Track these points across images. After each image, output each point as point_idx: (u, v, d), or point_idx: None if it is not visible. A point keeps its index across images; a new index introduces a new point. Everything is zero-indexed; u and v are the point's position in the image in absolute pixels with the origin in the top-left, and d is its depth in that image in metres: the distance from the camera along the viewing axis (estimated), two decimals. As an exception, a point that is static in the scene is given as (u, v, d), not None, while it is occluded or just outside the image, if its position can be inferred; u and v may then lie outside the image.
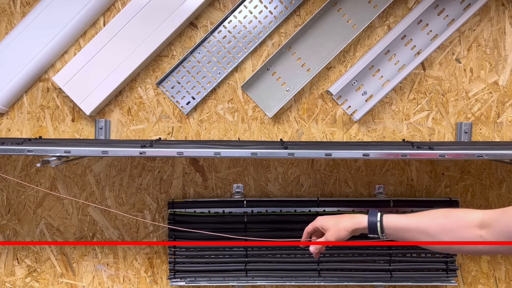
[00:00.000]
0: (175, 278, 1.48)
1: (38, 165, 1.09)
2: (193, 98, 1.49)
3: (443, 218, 0.95)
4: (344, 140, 1.50)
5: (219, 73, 1.48)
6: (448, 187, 1.52)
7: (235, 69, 1.48)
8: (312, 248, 1.10)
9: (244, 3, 1.45)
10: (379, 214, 1.02)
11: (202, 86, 1.48)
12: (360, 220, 1.04)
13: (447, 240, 0.93)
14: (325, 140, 1.50)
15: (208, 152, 1.16)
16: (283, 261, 1.47)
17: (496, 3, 1.45)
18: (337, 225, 1.05)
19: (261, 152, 1.16)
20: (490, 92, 1.49)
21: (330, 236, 1.06)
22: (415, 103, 1.49)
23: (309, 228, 1.11)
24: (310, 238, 1.13)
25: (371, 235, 1.02)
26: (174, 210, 1.46)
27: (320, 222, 1.09)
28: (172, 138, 1.50)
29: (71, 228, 1.53)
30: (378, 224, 1.01)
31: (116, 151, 1.16)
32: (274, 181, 1.52)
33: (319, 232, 1.11)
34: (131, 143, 1.33)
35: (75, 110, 1.49)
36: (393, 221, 1.00)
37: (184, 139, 1.50)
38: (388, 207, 1.46)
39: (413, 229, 0.98)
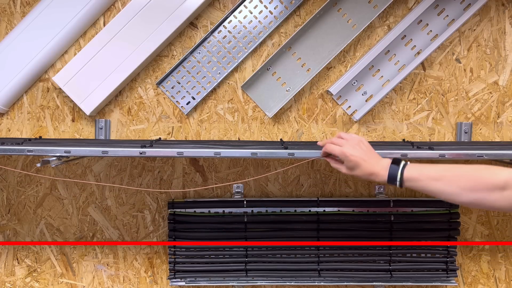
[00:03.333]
0: (175, 278, 1.48)
1: (38, 165, 1.09)
2: (193, 98, 1.49)
3: (465, 178, 0.94)
4: (344, 140, 1.50)
5: (219, 73, 1.48)
6: (448, 187, 1.51)
7: (235, 69, 1.48)
8: (328, 159, 1.12)
9: (244, 3, 1.45)
10: (399, 170, 1.00)
11: (202, 86, 1.48)
12: (379, 175, 1.02)
13: (466, 199, 0.93)
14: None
15: (208, 152, 1.16)
16: (283, 261, 1.47)
17: (496, 3, 1.45)
18: (355, 169, 1.05)
19: (261, 152, 1.16)
20: (490, 92, 1.49)
21: (345, 172, 1.07)
22: (415, 103, 1.49)
23: (332, 151, 1.09)
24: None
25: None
26: (174, 210, 1.46)
27: (343, 156, 1.06)
28: (172, 138, 1.50)
29: (71, 228, 1.53)
30: (398, 182, 1.00)
31: (116, 151, 1.16)
32: (274, 181, 1.52)
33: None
34: (131, 143, 1.33)
35: (75, 110, 1.49)
36: (413, 179, 0.99)
37: (184, 139, 1.50)
38: (388, 207, 1.46)
39: (433, 188, 0.97)
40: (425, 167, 1.00)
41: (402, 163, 1.02)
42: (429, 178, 0.98)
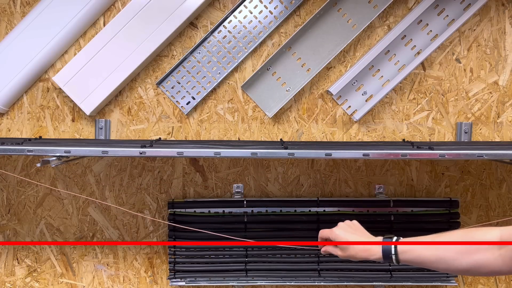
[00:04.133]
0: (175, 278, 1.48)
1: (38, 165, 1.09)
2: (193, 98, 1.49)
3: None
4: (344, 140, 1.50)
5: (219, 73, 1.48)
6: (448, 187, 1.52)
7: (235, 69, 1.48)
8: (322, 250, 1.12)
9: (244, 3, 1.45)
10: (393, 248, 0.99)
11: (202, 86, 1.48)
12: (374, 253, 1.02)
13: (465, 263, 0.90)
14: (325, 140, 1.50)
15: (208, 152, 1.16)
16: (283, 261, 1.47)
17: (496, 3, 1.45)
18: (349, 249, 1.05)
19: (261, 152, 1.16)
20: (490, 92, 1.49)
21: (341, 254, 1.07)
22: (415, 103, 1.49)
23: (324, 234, 1.11)
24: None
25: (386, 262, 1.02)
26: (174, 210, 1.46)
27: (334, 236, 1.08)
28: (172, 138, 1.50)
29: (71, 228, 1.53)
30: (393, 256, 0.99)
31: (116, 151, 1.16)
32: (274, 181, 1.52)
33: None
34: (131, 143, 1.33)
35: (75, 110, 1.49)
36: (408, 255, 0.98)
37: (184, 139, 1.50)
38: (388, 207, 1.46)
39: (431, 259, 0.95)
40: (418, 238, 1.00)
41: (395, 237, 1.01)
42: (423, 247, 0.96)
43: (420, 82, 1.49)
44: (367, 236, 1.07)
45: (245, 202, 1.47)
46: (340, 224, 1.10)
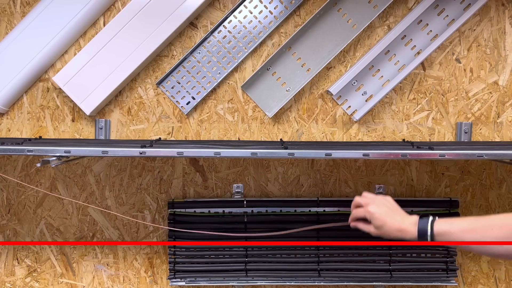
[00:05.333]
0: (175, 278, 1.48)
1: (38, 165, 1.09)
2: (193, 98, 1.49)
3: (497, 228, 0.91)
4: (344, 140, 1.50)
5: (219, 73, 1.48)
6: (448, 187, 1.52)
7: (235, 69, 1.48)
8: (352, 225, 1.13)
9: (244, 3, 1.45)
10: (429, 226, 0.98)
11: (202, 86, 1.48)
12: (409, 232, 1.01)
13: (503, 250, 0.90)
14: (325, 140, 1.50)
15: (208, 152, 1.16)
16: (283, 261, 1.47)
17: (496, 3, 1.45)
18: (383, 228, 1.04)
19: (261, 152, 1.16)
20: (490, 92, 1.49)
21: (374, 232, 1.07)
22: (415, 103, 1.49)
23: (359, 214, 1.10)
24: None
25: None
26: (174, 210, 1.46)
27: (369, 215, 1.07)
28: (172, 138, 1.50)
29: (71, 228, 1.53)
30: (429, 238, 0.98)
31: (116, 151, 1.16)
32: (274, 181, 1.52)
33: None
34: (131, 143, 1.33)
35: (75, 110, 1.49)
36: (444, 233, 0.96)
37: (184, 139, 1.50)
38: (388, 207, 1.46)
39: (467, 240, 0.94)
40: (455, 220, 0.98)
41: (431, 218, 1.00)
42: (461, 230, 0.95)
43: (420, 82, 1.49)
44: (403, 214, 1.05)
45: (245, 202, 1.47)
46: (375, 199, 1.08)
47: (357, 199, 1.14)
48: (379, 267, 1.46)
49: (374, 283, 1.50)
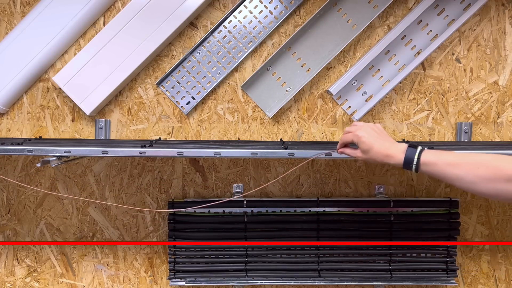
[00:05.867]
0: (175, 278, 1.48)
1: (38, 165, 1.09)
2: (193, 98, 1.49)
3: (483, 167, 0.90)
4: (344, 140, 1.50)
5: (219, 73, 1.48)
6: (448, 187, 1.52)
7: (235, 69, 1.48)
8: (339, 151, 1.10)
9: (244, 3, 1.45)
10: (416, 154, 0.97)
11: (202, 86, 1.48)
12: (395, 158, 0.99)
13: (484, 189, 0.90)
14: (325, 140, 1.50)
15: (208, 152, 1.16)
16: (283, 261, 1.47)
17: (496, 3, 1.45)
18: (370, 152, 1.02)
19: (261, 152, 1.16)
20: (490, 92, 1.49)
21: (360, 156, 1.05)
22: (415, 103, 1.49)
23: (347, 139, 1.08)
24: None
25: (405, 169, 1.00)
26: (174, 210, 1.46)
27: (357, 139, 1.05)
28: (172, 138, 1.50)
29: (71, 228, 1.53)
30: (414, 166, 0.97)
31: (116, 151, 1.16)
32: (274, 181, 1.52)
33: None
34: (131, 143, 1.33)
35: (75, 110, 1.49)
36: (430, 163, 0.96)
37: (184, 139, 1.50)
38: (388, 207, 1.46)
39: (450, 175, 0.93)
40: (443, 153, 0.97)
41: (419, 148, 0.99)
42: (447, 163, 0.94)
43: (420, 82, 1.49)
44: (391, 141, 1.04)
45: (245, 202, 1.47)
46: (364, 125, 1.07)
47: (347, 128, 1.11)
48: (379, 267, 1.46)
49: (374, 283, 1.50)
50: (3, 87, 1.42)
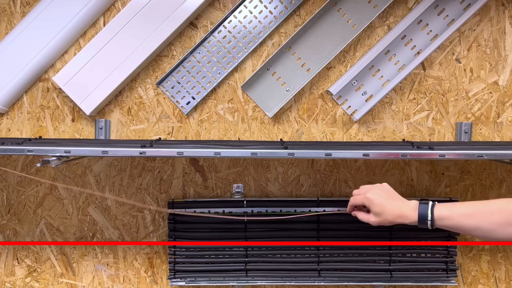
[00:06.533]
0: (175, 278, 1.48)
1: (38, 165, 1.09)
2: (193, 98, 1.49)
3: (497, 213, 0.91)
4: (344, 140, 1.50)
5: (219, 73, 1.48)
6: (448, 187, 1.52)
7: (235, 69, 1.48)
8: (353, 213, 1.12)
9: (244, 3, 1.45)
10: (429, 211, 0.98)
11: (202, 86, 1.48)
12: (409, 217, 1.01)
13: (502, 234, 0.90)
14: (325, 140, 1.50)
15: (208, 152, 1.16)
16: (283, 261, 1.47)
17: (496, 3, 1.46)
18: (383, 215, 1.04)
19: (261, 152, 1.16)
20: (490, 92, 1.49)
21: (374, 221, 1.06)
22: (415, 103, 1.49)
23: (357, 201, 1.10)
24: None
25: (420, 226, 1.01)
26: (174, 210, 1.46)
27: (368, 202, 1.07)
28: (172, 138, 1.50)
29: (71, 228, 1.53)
30: (429, 222, 0.98)
31: (116, 151, 1.16)
32: (274, 181, 1.52)
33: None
34: (131, 143, 1.33)
35: (75, 110, 1.49)
36: (444, 218, 0.97)
37: (184, 139, 1.50)
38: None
39: (467, 226, 0.94)
40: (455, 205, 0.99)
41: (430, 203, 1.00)
42: (461, 215, 0.95)
43: (420, 82, 1.49)
44: (402, 200, 1.05)
45: (245, 202, 1.47)
46: (373, 187, 1.09)
47: (355, 191, 1.14)
48: (379, 267, 1.46)
49: (374, 283, 1.50)
50: (3, 87, 1.42)
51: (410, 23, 1.42)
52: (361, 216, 1.10)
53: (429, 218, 0.98)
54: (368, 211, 1.11)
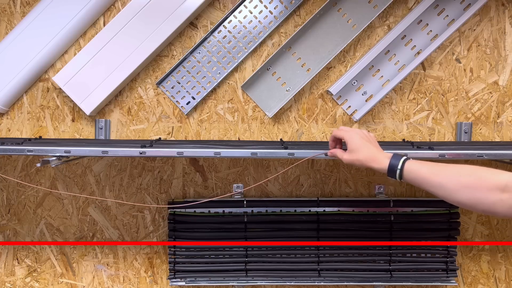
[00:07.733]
0: (175, 278, 1.48)
1: (38, 165, 1.09)
2: (193, 98, 1.49)
3: (466, 176, 0.92)
4: (344, 140, 1.50)
5: (219, 73, 1.48)
6: (448, 187, 1.51)
7: (235, 69, 1.48)
8: (329, 152, 1.13)
9: (244, 3, 1.45)
10: (401, 160, 1.00)
11: (202, 86, 1.48)
12: (380, 163, 1.02)
13: (465, 197, 0.91)
14: (325, 140, 1.50)
15: (208, 152, 1.16)
16: (283, 261, 1.47)
17: (496, 3, 1.45)
18: (357, 153, 1.05)
19: (261, 152, 1.16)
20: (490, 92, 1.49)
21: (346, 158, 1.06)
22: (415, 103, 1.49)
23: (338, 134, 1.11)
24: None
25: (389, 177, 1.02)
26: (174, 210, 1.46)
27: (348, 136, 1.07)
28: (172, 138, 1.50)
29: (71, 228, 1.53)
30: (398, 171, 0.99)
31: (116, 151, 1.16)
32: (274, 181, 1.52)
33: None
34: (131, 143, 1.33)
35: (75, 110, 1.49)
36: (413, 170, 0.98)
37: (184, 139, 1.50)
38: (388, 207, 1.46)
39: (433, 182, 0.95)
40: (428, 162, 1.00)
41: (405, 156, 1.02)
42: (430, 171, 0.97)
43: (420, 82, 1.49)
44: (379, 149, 1.06)
45: (245, 202, 1.47)
46: (358, 130, 1.10)
47: (341, 126, 1.14)
48: (379, 267, 1.46)
49: (374, 283, 1.50)
50: (3, 87, 1.42)
51: (410, 23, 1.42)
52: (336, 152, 1.11)
53: (399, 167, 1.00)
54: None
